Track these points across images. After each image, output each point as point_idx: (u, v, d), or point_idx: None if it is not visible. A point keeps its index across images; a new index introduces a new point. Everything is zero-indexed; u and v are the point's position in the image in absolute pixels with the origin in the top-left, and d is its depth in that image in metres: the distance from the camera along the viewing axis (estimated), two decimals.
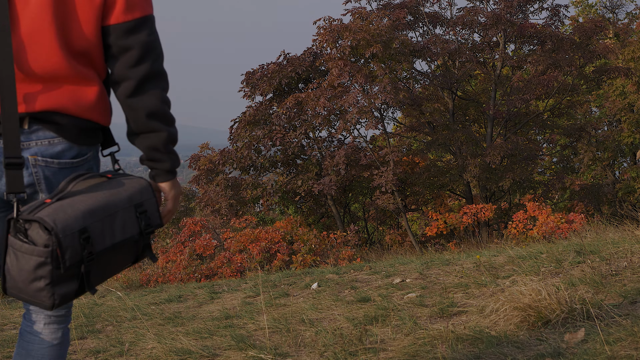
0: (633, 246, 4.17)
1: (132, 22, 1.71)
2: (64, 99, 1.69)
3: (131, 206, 1.70)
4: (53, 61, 1.67)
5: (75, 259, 1.57)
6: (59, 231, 1.54)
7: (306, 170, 15.06)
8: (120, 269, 1.75)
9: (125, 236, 1.68)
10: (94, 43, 1.73)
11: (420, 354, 2.71)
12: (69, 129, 1.71)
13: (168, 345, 3.23)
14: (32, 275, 1.56)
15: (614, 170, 21.25)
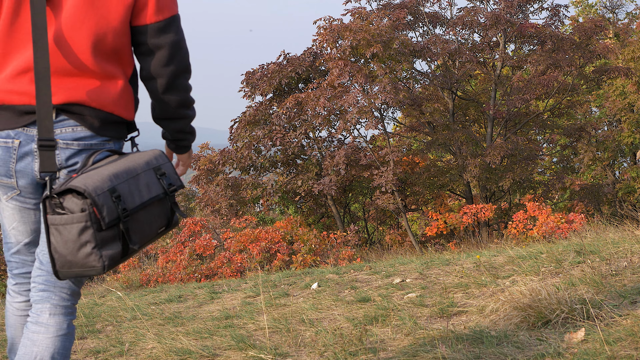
0: (633, 246, 4.17)
1: (162, 22, 1.86)
2: (89, 93, 1.84)
3: (150, 169, 1.87)
4: (82, 58, 1.81)
5: (112, 216, 1.71)
6: (92, 191, 1.67)
7: (306, 170, 15.06)
8: (156, 230, 1.89)
9: (152, 195, 1.84)
10: (123, 42, 1.87)
11: (420, 354, 2.71)
12: (91, 120, 1.85)
13: (168, 345, 3.23)
14: (77, 243, 1.68)
15: (614, 170, 21.25)
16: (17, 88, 1.81)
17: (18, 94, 1.81)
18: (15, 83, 1.81)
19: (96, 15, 1.81)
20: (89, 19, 1.80)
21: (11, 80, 1.81)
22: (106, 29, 1.82)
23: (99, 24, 1.81)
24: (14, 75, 1.81)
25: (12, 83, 1.81)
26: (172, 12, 1.88)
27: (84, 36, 1.80)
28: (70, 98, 1.82)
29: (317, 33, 14.15)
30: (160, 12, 1.86)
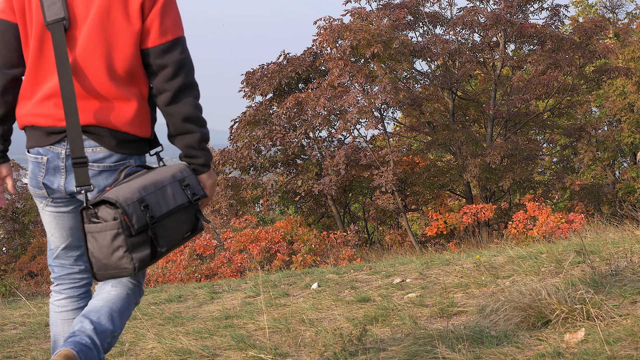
0: (633, 246, 4.17)
1: (166, 44, 2.06)
2: (105, 115, 2.05)
3: (175, 181, 2.07)
4: (98, 82, 2.04)
5: (141, 223, 1.93)
6: (122, 202, 1.90)
7: (306, 170, 15.05)
8: (182, 234, 2.09)
9: (177, 204, 2.04)
10: (135, 64, 2.07)
11: (420, 353, 2.71)
12: (109, 139, 2.06)
13: (168, 345, 3.23)
14: (110, 248, 1.92)
15: (614, 170, 21.25)
16: (43, 112, 2.05)
17: (44, 116, 2.05)
18: (41, 107, 2.05)
19: (107, 43, 2.04)
20: (102, 47, 2.03)
21: (38, 105, 2.06)
22: (118, 55, 2.05)
23: (110, 51, 2.04)
24: (41, 100, 2.06)
25: (39, 107, 2.06)
26: (175, 35, 2.08)
27: (98, 63, 2.03)
28: (89, 120, 2.04)
29: (317, 33, 14.15)
30: (163, 35, 2.06)
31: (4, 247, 24.16)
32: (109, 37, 2.04)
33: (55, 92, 2.04)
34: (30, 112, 2.08)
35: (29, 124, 2.10)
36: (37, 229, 23.46)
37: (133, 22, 2.04)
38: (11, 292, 10.36)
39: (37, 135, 2.09)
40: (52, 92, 2.04)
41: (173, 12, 2.10)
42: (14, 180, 2.21)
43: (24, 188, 24.49)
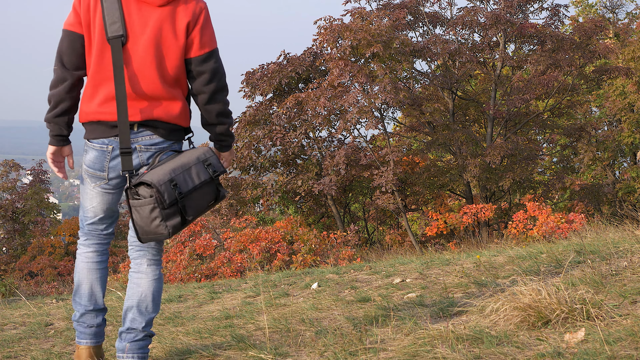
0: (633, 246, 4.17)
1: (204, 55, 2.64)
2: (159, 112, 2.63)
3: (200, 162, 2.62)
4: (153, 86, 2.60)
5: (171, 198, 2.48)
6: (156, 183, 2.46)
7: (306, 170, 15.05)
8: (207, 204, 2.64)
9: (201, 180, 2.59)
10: (180, 71, 2.65)
11: (420, 353, 2.71)
12: (162, 130, 2.65)
13: (168, 345, 3.23)
14: (150, 218, 2.48)
15: (614, 170, 21.25)
16: (107, 110, 2.59)
17: (108, 114, 2.60)
18: (105, 107, 2.60)
19: (160, 55, 2.59)
20: (155, 58, 2.58)
21: (102, 105, 2.60)
22: (168, 64, 2.61)
23: (162, 62, 2.60)
24: (105, 101, 2.59)
25: (103, 107, 2.60)
26: (211, 48, 2.66)
27: (152, 71, 2.59)
28: (147, 116, 2.61)
29: (318, 33, 14.15)
30: (202, 48, 2.63)
31: (4, 247, 24.15)
32: (160, 51, 2.59)
33: (113, 94, 2.58)
34: (96, 110, 2.61)
35: (96, 119, 2.62)
36: (37, 229, 23.46)
37: (180, 38, 2.60)
38: (11, 292, 10.36)
39: (101, 128, 2.62)
40: (113, 95, 2.58)
41: (209, 30, 2.66)
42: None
43: (24, 188, 24.49)
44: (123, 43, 2.53)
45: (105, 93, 2.58)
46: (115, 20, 2.53)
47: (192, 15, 2.62)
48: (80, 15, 2.59)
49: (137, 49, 2.56)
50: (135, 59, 2.56)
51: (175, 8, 2.60)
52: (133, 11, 2.57)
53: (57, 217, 27.61)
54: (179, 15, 2.60)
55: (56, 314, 4.89)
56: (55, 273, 19.79)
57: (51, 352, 3.52)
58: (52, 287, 14.59)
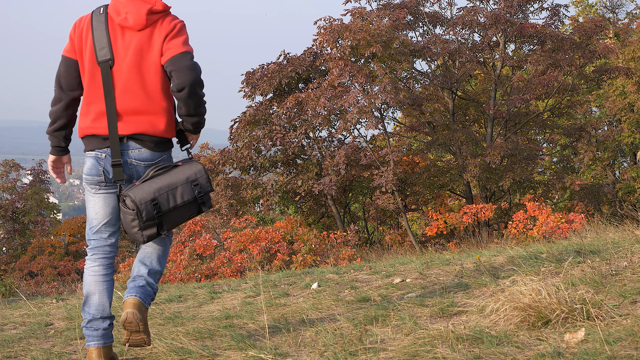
0: (633, 246, 4.17)
1: (178, 55, 2.92)
2: (145, 126, 2.95)
3: (188, 182, 2.94)
4: (139, 103, 2.94)
5: (149, 215, 2.87)
6: (137, 201, 2.86)
7: (306, 170, 15.05)
8: (186, 218, 3.00)
9: (184, 200, 2.94)
10: (163, 85, 2.97)
11: (420, 353, 2.71)
12: (148, 143, 2.97)
13: (168, 345, 3.23)
14: (130, 225, 2.90)
15: (614, 170, 21.25)
16: (99, 125, 2.95)
17: (100, 128, 2.95)
18: (97, 122, 2.95)
19: (142, 73, 2.93)
20: (139, 77, 2.92)
21: (95, 121, 2.96)
22: (150, 81, 2.94)
23: (145, 80, 2.94)
24: (96, 117, 2.95)
25: (95, 122, 2.96)
26: (185, 50, 2.91)
27: (138, 88, 2.92)
28: (134, 130, 2.94)
29: (317, 33, 14.14)
30: (176, 50, 2.91)
31: (4, 247, 24.15)
32: (142, 69, 2.92)
33: (103, 111, 2.93)
34: (89, 125, 2.97)
35: (90, 133, 2.98)
36: (37, 229, 23.46)
37: (156, 54, 2.92)
38: (11, 292, 10.35)
39: (95, 141, 2.98)
40: (102, 111, 2.94)
41: (184, 36, 2.96)
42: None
43: (24, 188, 24.50)
44: (110, 66, 2.91)
45: (97, 110, 2.95)
46: (103, 46, 2.92)
47: (167, 30, 2.95)
48: (75, 42, 2.98)
49: (122, 69, 2.92)
50: (121, 79, 2.92)
51: (153, 29, 2.95)
52: (118, 37, 2.94)
53: (57, 217, 27.61)
54: (155, 35, 2.94)
55: (56, 314, 4.89)
56: (55, 273, 19.79)
57: (51, 352, 3.52)
58: (52, 287, 14.59)
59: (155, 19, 2.96)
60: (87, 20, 2.99)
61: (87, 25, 2.98)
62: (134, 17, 2.93)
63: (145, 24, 2.93)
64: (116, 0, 2.98)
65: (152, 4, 2.96)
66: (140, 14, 2.93)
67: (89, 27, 2.97)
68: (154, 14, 2.96)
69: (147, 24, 2.94)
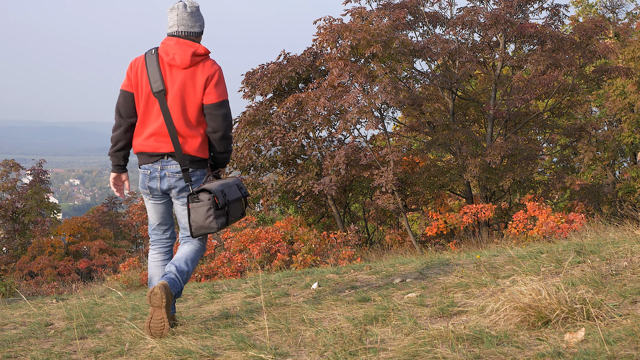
0: (633, 246, 4.17)
1: (217, 103, 3.62)
2: (185, 147, 3.61)
3: (235, 184, 3.74)
4: (180, 127, 3.60)
5: (222, 202, 3.55)
6: (213, 190, 3.54)
7: (306, 170, 15.04)
8: (239, 214, 3.73)
9: (237, 196, 3.70)
10: (199, 115, 3.63)
11: (421, 353, 2.71)
12: (184, 160, 3.62)
13: (168, 345, 3.23)
14: (205, 216, 3.54)
15: (614, 170, 21.26)
16: (149, 144, 3.64)
17: (150, 147, 3.64)
18: (147, 141, 3.64)
19: (184, 104, 3.60)
20: (181, 106, 3.59)
21: (146, 140, 3.64)
22: (190, 111, 3.61)
23: (185, 109, 3.60)
24: (147, 137, 3.63)
25: (147, 141, 3.64)
26: (223, 98, 3.64)
27: (179, 115, 3.60)
28: (172, 150, 3.61)
29: (317, 33, 14.13)
30: (216, 98, 3.62)
31: (4, 247, 24.15)
32: (184, 101, 3.59)
33: (154, 132, 3.61)
34: (141, 143, 3.65)
35: (141, 150, 3.66)
36: (37, 229, 23.46)
37: (198, 91, 3.60)
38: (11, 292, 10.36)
39: (144, 157, 3.66)
40: (153, 132, 3.62)
41: (222, 85, 3.65)
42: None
43: (24, 188, 24.49)
44: (164, 95, 3.57)
45: (148, 132, 3.62)
46: (157, 80, 3.57)
47: (208, 74, 3.60)
48: (131, 79, 3.64)
49: (169, 100, 3.58)
50: (169, 108, 3.59)
51: (196, 69, 3.60)
52: (167, 72, 3.59)
53: (57, 217, 27.62)
54: (197, 75, 3.59)
55: (56, 314, 4.89)
56: (55, 273, 19.79)
57: (51, 352, 3.52)
58: (52, 287, 14.59)
59: (198, 60, 3.60)
60: (141, 60, 3.64)
61: (141, 64, 3.63)
62: (180, 57, 3.56)
63: (189, 63, 3.57)
64: (165, 44, 3.63)
65: (196, 48, 3.60)
66: (186, 55, 3.57)
67: (143, 65, 3.62)
68: (197, 56, 3.60)
69: (191, 63, 3.58)
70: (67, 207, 79.98)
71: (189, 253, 3.70)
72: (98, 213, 29.54)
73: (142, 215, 29.41)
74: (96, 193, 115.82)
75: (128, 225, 29.97)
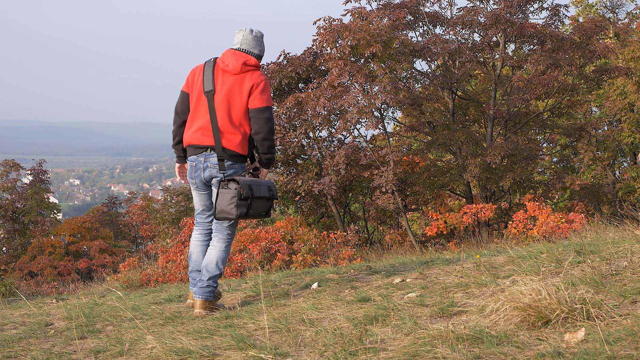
0: (633, 246, 4.17)
1: (261, 108, 4.14)
2: (224, 142, 4.13)
3: (266, 185, 4.18)
4: (223, 124, 4.12)
5: (246, 194, 4.02)
6: (241, 182, 4.02)
7: (306, 170, 15.04)
8: (262, 211, 4.15)
9: (264, 194, 4.13)
10: (243, 117, 4.15)
11: (420, 353, 2.71)
12: (224, 153, 4.13)
13: (168, 345, 3.23)
14: (228, 202, 4.03)
15: (614, 170, 21.26)
16: (195, 137, 4.19)
17: (196, 140, 4.19)
18: (195, 134, 4.19)
19: (229, 105, 4.13)
20: (226, 107, 4.12)
21: (194, 133, 4.20)
22: (234, 112, 4.13)
23: (230, 110, 4.13)
24: (195, 131, 4.19)
25: (194, 134, 4.20)
26: (266, 104, 4.15)
27: (224, 115, 4.12)
28: (214, 143, 4.14)
29: (317, 33, 14.13)
30: (260, 104, 4.13)
31: (4, 247, 24.15)
32: (230, 102, 4.12)
33: (200, 127, 4.16)
34: (189, 137, 4.22)
35: (188, 143, 4.23)
36: (37, 229, 23.47)
37: (243, 96, 4.13)
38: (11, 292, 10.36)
39: (191, 149, 4.22)
40: (200, 127, 4.17)
41: (267, 93, 4.15)
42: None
43: (24, 188, 24.49)
44: (212, 94, 4.13)
45: (195, 126, 4.18)
46: (209, 81, 4.14)
47: (255, 82, 4.13)
48: (189, 81, 4.25)
49: (216, 100, 4.12)
50: (215, 106, 4.12)
51: (244, 76, 4.15)
52: (219, 77, 4.16)
53: (57, 217, 27.63)
54: (245, 81, 4.13)
55: (56, 314, 4.89)
56: (55, 273, 19.79)
57: (51, 352, 3.52)
58: (52, 287, 14.59)
59: (248, 69, 4.15)
60: (201, 66, 4.25)
61: (200, 69, 4.23)
62: (233, 64, 4.14)
63: (239, 70, 4.13)
64: (224, 54, 4.23)
65: (247, 59, 4.17)
66: (238, 63, 4.14)
67: (201, 70, 4.22)
68: (248, 66, 4.15)
69: (241, 71, 4.13)
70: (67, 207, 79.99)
71: (219, 254, 4.20)
72: (98, 213, 29.55)
73: (142, 215, 29.42)
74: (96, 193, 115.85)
75: (128, 225, 29.98)
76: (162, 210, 27.37)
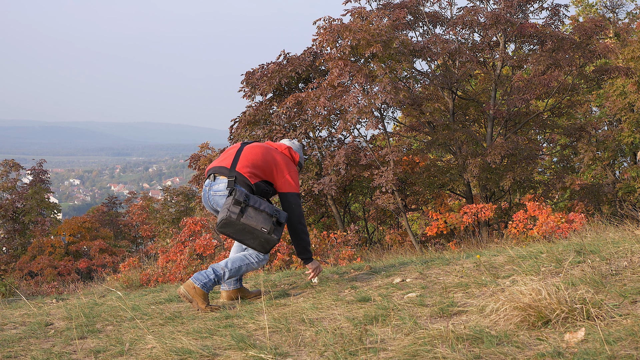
0: (633, 246, 4.17)
1: (289, 193, 4.54)
2: (235, 167, 4.50)
3: (267, 204, 4.34)
4: (243, 169, 4.48)
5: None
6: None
7: (306, 170, 15.04)
8: (258, 226, 4.23)
9: (262, 208, 4.27)
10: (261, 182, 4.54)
11: (420, 353, 2.71)
12: (232, 174, 4.44)
13: (168, 345, 3.23)
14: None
15: (614, 169, 21.26)
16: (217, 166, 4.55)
17: (216, 170, 4.52)
18: (216, 164, 4.55)
19: (257, 162, 4.51)
20: (251, 160, 4.50)
21: (215, 164, 4.55)
22: (259, 171, 4.50)
23: (256, 167, 4.49)
24: (216, 163, 4.55)
25: (215, 164, 4.56)
26: (295, 190, 4.52)
27: (247, 165, 4.47)
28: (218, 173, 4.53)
29: (317, 33, 14.13)
30: (288, 189, 4.52)
31: (4, 247, 24.15)
32: (262, 162, 4.55)
33: (223, 162, 4.54)
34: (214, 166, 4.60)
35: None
36: (37, 229, 23.47)
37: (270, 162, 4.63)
38: (11, 292, 10.36)
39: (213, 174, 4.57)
40: (222, 161, 4.53)
41: (296, 176, 4.60)
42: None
43: (24, 188, 24.48)
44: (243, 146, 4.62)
45: (219, 160, 4.56)
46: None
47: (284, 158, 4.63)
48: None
49: (245, 154, 4.56)
50: (241, 154, 4.55)
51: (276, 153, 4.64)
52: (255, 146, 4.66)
53: (57, 217, 27.63)
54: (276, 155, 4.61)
55: (56, 314, 4.89)
56: (55, 273, 19.79)
57: (51, 352, 3.52)
58: (52, 287, 14.59)
59: (281, 150, 4.67)
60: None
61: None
62: (270, 144, 4.74)
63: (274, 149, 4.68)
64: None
65: (283, 149, 4.72)
66: (280, 146, 4.74)
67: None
68: (283, 151, 4.68)
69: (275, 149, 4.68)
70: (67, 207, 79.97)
71: (234, 257, 4.47)
72: (98, 213, 29.55)
73: (142, 215, 29.42)
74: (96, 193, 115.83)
75: (128, 225, 29.98)
76: (162, 210, 27.38)
